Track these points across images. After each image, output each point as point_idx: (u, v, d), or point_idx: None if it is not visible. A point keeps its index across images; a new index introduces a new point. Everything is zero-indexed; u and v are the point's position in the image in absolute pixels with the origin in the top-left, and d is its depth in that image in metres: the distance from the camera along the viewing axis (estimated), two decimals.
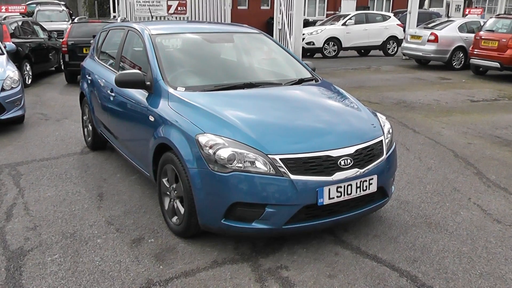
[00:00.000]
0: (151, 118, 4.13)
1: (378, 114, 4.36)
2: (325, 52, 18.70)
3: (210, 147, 3.42)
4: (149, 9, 12.03)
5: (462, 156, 6.23)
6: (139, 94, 4.44)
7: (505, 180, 5.38)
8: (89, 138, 6.28)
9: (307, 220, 3.50)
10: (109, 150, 6.16)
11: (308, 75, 4.99)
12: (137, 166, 4.72)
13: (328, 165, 3.48)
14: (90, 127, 6.18)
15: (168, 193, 3.97)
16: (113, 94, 4.99)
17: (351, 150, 3.60)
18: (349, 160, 3.55)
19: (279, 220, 3.40)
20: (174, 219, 3.90)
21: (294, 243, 3.80)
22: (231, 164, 3.36)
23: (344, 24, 18.99)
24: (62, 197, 4.72)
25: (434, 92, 11.32)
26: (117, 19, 14.69)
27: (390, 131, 4.15)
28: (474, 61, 13.95)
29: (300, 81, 4.80)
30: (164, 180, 3.99)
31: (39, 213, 4.35)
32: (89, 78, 5.94)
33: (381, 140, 3.90)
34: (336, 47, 18.81)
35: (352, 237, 3.95)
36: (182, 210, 3.75)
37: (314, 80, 4.90)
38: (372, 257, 3.65)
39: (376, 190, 3.72)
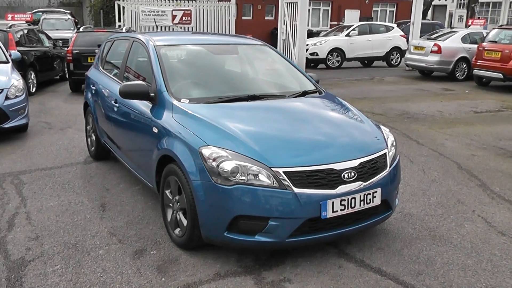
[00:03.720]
0: (155, 130, 4.13)
1: (382, 127, 4.36)
2: (328, 63, 18.69)
3: (214, 160, 3.42)
4: (154, 19, 12.12)
5: (466, 168, 6.21)
6: (143, 105, 4.44)
7: (509, 192, 5.35)
8: (93, 148, 6.28)
9: (311, 233, 3.49)
10: (112, 160, 6.16)
11: (312, 87, 4.99)
12: (140, 177, 4.72)
13: (331, 178, 3.47)
14: (93, 137, 6.19)
15: (171, 204, 3.96)
16: (117, 104, 5.00)
17: (355, 163, 3.59)
18: (352, 173, 3.54)
19: (283, 233, 3.39)
20: (177, 231, 3.89)
21: (298, 256, 3.78)
22: (235, 176, 3.35)
23: (347, 35, 19.00)
24: (65, 207, 4.72)
25: (437, 103, 11.31)
26: (122, 29, 14.75)
27: (394, 143, 4.14)
28: (477, 72, 13.94)
29: (304, 94, 4.80)
30: (167, 192, 3.98)
31: (41, 223, 4.34)
32: (94, 88, 5.96)
33: (385, 153, 3.89)
34: (339, 58, 18.80)
35: (355, 250, 3.93)
36: (185, 222, 3.74)
37: (317, 92, 4.89)
38: (376, 270, 3.62)
39: (380, 203, 3.71)
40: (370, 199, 3.63)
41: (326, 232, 3.53)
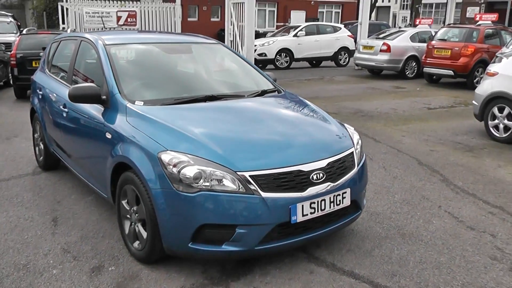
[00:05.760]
0: (108, 135, 3.84)
1: (346, 125, 4.23)
2: (277, 63, 18.58)
3: (174, 166, 3.18)
4: (102, 18, 11.69)
5: (426, 164, 6.19)
6: (94, 109, 4.14)
7: (472, 186, 5.36)
8: (41, 158, 5.88)
9: (280, 240, 3.30)
10: (62, 169, 5.77)
11: (270, 86, 4.82)
12: (93, 186, 4.40)
13: (300, 180, 3.30)
14: (41, 146, 5.79)
15: (128, 216, 3.68)
16: (66, 109, 4.65)
17: (323, 163, 3.44)
18: (321, 174, 3.38)
19: (251, 241, 3.19)
20: (136, 244, 3.61)
21: (266, 263, 3.58)
22: (197, 183, 3.12)
23: (295, 35, 18.98)
24: (14, 224, 4.33)
25: (390, 101, 11.40)
26: (67, 31, 14.19)
27: (359, 142, 4.02)
28: (427, 69, 14.21)
29: (263, 93, 4.61)
30: (124, 202, 3.70)
31: None
32: (40, 93, 5.57)
33: (352, 152, 3.76)
34: (288, 58, 18.74)
35: (325, 253, 3.78)
36: (144, 234, 3.47)
37: (276, 92, 4.72)
38: (349, 274, 3.48)
39: (349, 203, 3.57)
40: (339, 200, 3.48)
41: (297, 237, 3.35)
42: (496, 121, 7.54)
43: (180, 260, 3.56)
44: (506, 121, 7.38)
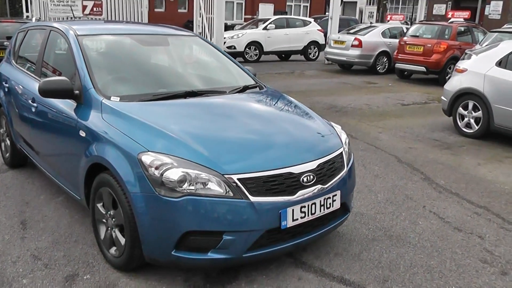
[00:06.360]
0: (82, 133, 3.56)
1: (333, 124, 4.07)
2: (246, 56, 18.30)
3: (156, 168, 2.94)
4: (71, 7, 11.19)
5: (406, 162, 6.11)
6: (66, 105, 3.84)
7: (455, 185, 5.28)
8: (7, 154, 5.53)
9: (269, 246, 3.11)
10: (30, 167, 5.43)
11: (251, 81, 4.61)
12: (64, 187, 4.11)
13: (290, 183, 3.11)
14: (8, 142, 5.44)
15: (104, 220, 3.42)
16: (35, 104, 4.33)
17: (313, 165, 3.26)
18: (311, 176, 3.21)
19: (239, 248, 2.99)
20: (113, 250, 3.36)
21: (252, 270, 3.39)
22: (182, 187, 2.90)
23: (265, 28, 18.78)
24: None
25: (363, 96, 11.34)
26: (31, 19, 13.64)
27: (347, 141, 3.86)
28: (399, 65, 14.23)
29: (245, 89, 4.40)
30: (99, 206, 3.44)
31: None
32: (6, 85, 5.20)
33: (341, 152, 3.59)
34: (257, 51, 18.51)
35: (312, 258, 3.61)
36: (122, 240, 3.22)
37: (258, 87, 4.52)
38: (339, 279, 3.32)
39: (339, 206, 3.41)
40: (330, 203, 3.31)
41: (286, 243, 3.17)
42: (466, 119, 7.58)
43: (161, 268, 3.33)
44: (474, 114, 7.43)
